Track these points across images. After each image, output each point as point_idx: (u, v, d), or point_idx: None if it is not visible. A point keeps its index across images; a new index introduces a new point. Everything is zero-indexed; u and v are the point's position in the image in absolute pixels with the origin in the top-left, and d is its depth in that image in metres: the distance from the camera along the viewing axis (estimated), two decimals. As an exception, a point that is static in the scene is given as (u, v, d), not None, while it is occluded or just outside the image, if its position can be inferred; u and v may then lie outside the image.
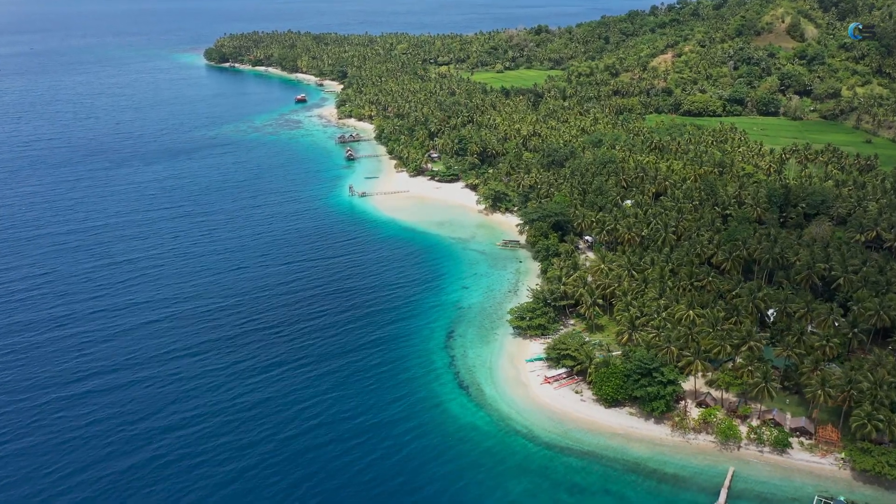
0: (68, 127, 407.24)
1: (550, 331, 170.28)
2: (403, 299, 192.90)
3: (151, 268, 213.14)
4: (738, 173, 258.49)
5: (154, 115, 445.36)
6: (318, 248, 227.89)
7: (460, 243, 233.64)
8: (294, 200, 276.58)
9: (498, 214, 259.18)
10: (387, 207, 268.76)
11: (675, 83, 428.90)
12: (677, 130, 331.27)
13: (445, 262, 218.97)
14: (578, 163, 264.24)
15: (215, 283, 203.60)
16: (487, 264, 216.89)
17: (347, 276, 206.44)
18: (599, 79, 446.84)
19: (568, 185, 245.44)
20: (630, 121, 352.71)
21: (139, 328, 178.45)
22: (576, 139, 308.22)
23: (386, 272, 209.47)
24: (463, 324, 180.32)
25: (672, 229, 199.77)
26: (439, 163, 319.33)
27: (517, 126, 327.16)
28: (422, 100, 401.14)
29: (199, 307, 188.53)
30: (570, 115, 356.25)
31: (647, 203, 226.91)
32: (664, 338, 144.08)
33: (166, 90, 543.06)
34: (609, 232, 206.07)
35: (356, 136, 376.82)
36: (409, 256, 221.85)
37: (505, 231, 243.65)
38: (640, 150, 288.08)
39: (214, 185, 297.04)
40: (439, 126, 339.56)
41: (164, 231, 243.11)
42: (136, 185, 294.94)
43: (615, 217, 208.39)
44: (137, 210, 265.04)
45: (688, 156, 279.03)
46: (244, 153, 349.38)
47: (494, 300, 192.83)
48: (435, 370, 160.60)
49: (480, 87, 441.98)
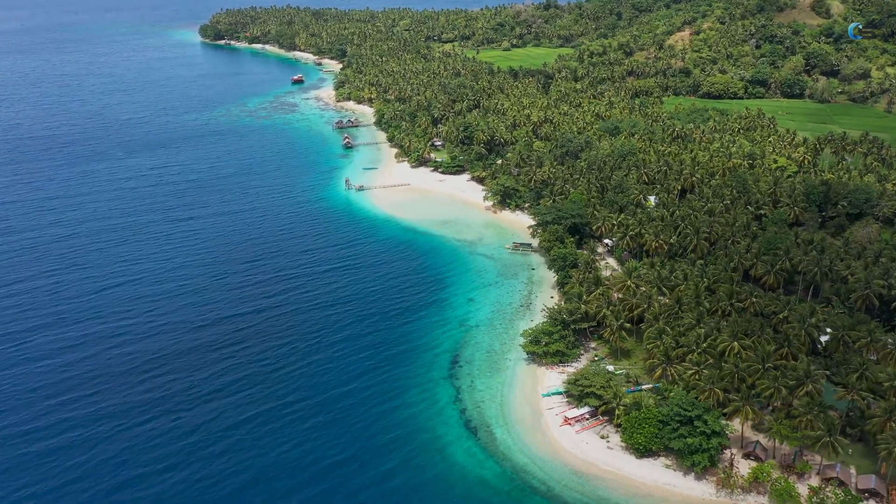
0: (51, 111, 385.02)
1: (570, 357, 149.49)
2: (403, 316, 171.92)
3: (125, 281, 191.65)
4: (770, 166, 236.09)
5: (143, 97, 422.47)
6: (311, 254, 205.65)
7: (466, 246, 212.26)
8: (287, 196, 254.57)
9: (507, 212, 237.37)
10: (386, 203, 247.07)
11: (693, 63, 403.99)
12: (699, 116, 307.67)
13: (449, 269, 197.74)
14: (595, 155, 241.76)
15: (193, 300, 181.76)
16: (496, 272, 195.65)
17: (341, 290, 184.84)
18: (613, 58, 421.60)
19: (584, 180, 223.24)
20: (647, 105, 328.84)
21: (101, 353, 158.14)
22: (590, 126, 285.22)
23: (384, 283, 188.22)
24: (470, 346, 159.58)
25: (704, 235, 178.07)
26: (443, 151, 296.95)
27: (527, 112, 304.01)
28: (424, 81, 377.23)
29: (166, 330, 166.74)
30: (583, 98, 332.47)
31: (673, 202, 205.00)
32: (706, 378, 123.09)
33: (158, 70, 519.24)
34: (633, 238, 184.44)
35: (355, 122, 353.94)
36: (409, 263, 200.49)
37: (515, 232, 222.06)
38: (660, 140, 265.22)
39: (202, 179, 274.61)
40: (443, 111, 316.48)
41: (143, 236, 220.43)
42: (116, 181, 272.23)
43: (639, 220, 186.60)
44: (116, 209, 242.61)
45: (713, 146, 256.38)
46: (235, 141, 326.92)
47: (505, 316, 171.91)
48: (438, 406, 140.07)
49: (487, 67, 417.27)
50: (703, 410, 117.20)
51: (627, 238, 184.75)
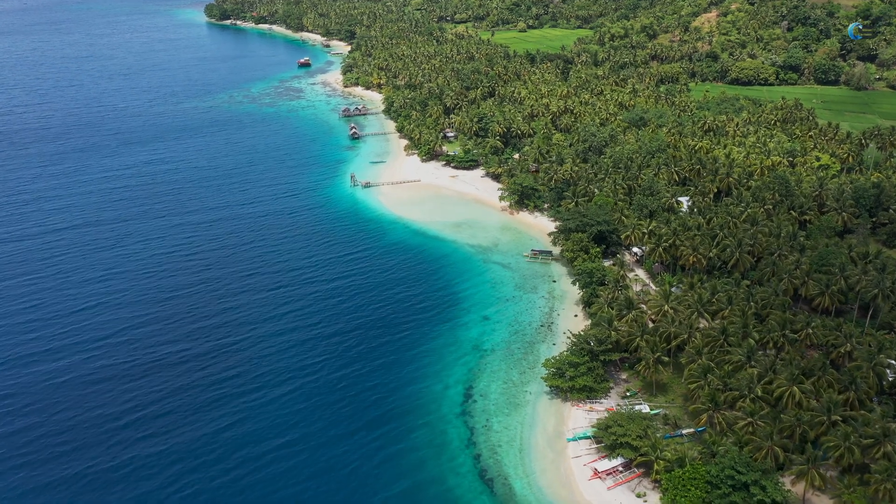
0: (47, 97, 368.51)
1: (599, 393, 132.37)
2: (412, 338, 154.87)
3: (111, 291, 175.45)
4: (812, 165, 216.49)
5: (143, 82, 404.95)
6: (312, 264, 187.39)
7: (481, 253, 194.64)
8: (289, 195, 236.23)
9: (525, 213, 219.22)
10: (394, 202, 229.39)
11: (720, 47, 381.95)
12: (730, 106, 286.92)
13: (463, 280, 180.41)
14: (621, 151, 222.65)
15: (181, 317, 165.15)
16: (514, 284, 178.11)
17: (342, 305, 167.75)
18: (635, 41, 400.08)
19: (610, 181, 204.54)
20: (674, 93, 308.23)
21: (79, 381, 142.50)
22: (613, 117, 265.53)
23: (389, 296, 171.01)
24: (485, 375, 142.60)
25: (748, 248, 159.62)
26: (456, 143, 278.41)
27: (545, 101, 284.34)
28: (436, 66, 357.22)
29: (147, 353, 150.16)
30: (605, 86, 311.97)
31: (709, 206, 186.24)
32: (763, 432, 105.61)
33: (160, 52, 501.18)
34: (666, 250, 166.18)
35: (362, 109, 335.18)
36: (418, 273, 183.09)
37: (533, 237, 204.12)
38: (690, 133, 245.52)
39: (200, 174, 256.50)
40: (456, 100, 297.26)
41: (132, 240, 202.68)
42: (108, 178, 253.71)
43: (673, 230, 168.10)
44: (106, 208, 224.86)
45: (748, 140, 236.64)
46: (236, 132, 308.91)
47: (524, 339, 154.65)
48: (450, 450, 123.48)
49: (502, 50, 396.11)
50: (760, 474, 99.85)
51: (660, 250, 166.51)
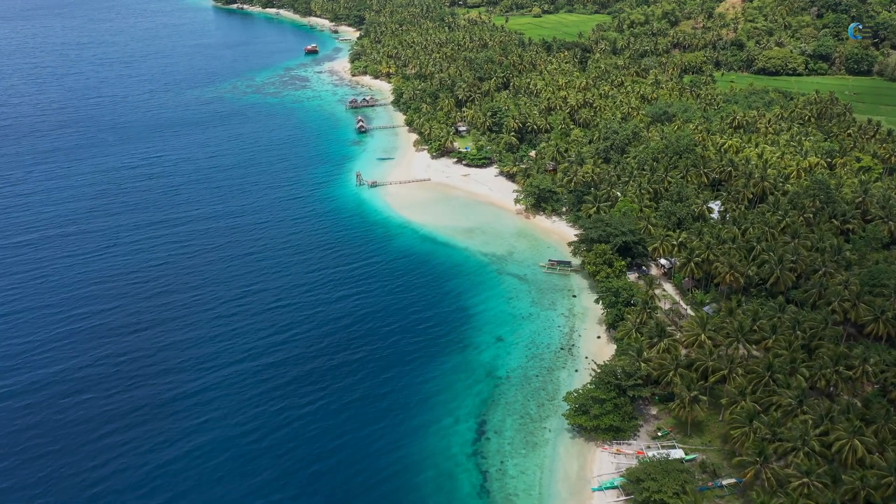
0: (44, 87, 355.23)
1: (627, 433, 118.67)
2: (419, 361, 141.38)
3: (88, 316, 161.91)
4: (852, 166, 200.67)
5: (145, 70, 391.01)
6: (315, 278, 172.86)
7: (494, 262, 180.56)
8: (291, 196, 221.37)
9: (541, 217, 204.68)
10: (402, 204, 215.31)
11: (746, 34, 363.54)
12: (760, 99, 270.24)
13: (475, 294, 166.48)
14: (644, 150, 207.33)
15: (165, 350, 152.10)
16: (530, 299, 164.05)
17: (347, 327, 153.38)
18: (656, 28, 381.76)
19: (635, 184, 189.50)
20: (699, 85, 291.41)
21: (45, 420, 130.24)
22: (636, 112, 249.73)
23: (397, 315, 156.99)
24: (499, 408, 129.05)
25: (789, 264, 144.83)
26: (468, 138, 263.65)
27: (563, 93, 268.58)
28: (448, 55, 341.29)
29: (117, 400, 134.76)
30: (625, 76, 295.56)
31: (743, 215, 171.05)
32: (823, 499, 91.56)
33: (164, 38, 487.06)
34: (699, 265, 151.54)
35: (370, 101, 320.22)
36: (427, 286, 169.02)
37: (551, 244, 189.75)
38: (719, 130, 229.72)
39: (199, 173, 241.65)
40: (468, 92, 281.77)
41: (120, 249, 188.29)
42: (103, 174, 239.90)
43: (707, 243, 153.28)
44: (96, 214, 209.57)
45: (781, 138, 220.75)
46: (238, 125, 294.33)
47: (542, 364, 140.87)
48: (459, 497, 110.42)
49: (517, 37, 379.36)
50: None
51: (692, 265, 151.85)
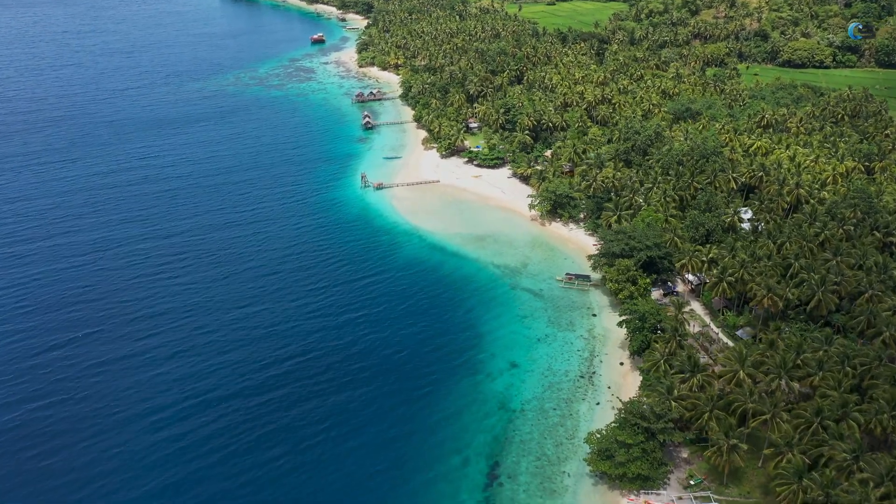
0: (41, 79, 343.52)
1: (656, 481, 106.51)
2: (425, 389, 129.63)
3: (63, 340, 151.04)
4: (893, 172, 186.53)
5: (146, 61, 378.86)
6: (317, 292, 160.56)
7: (507, 276, 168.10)
8: (293, 200, 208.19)
9: (558, 224, 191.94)
10: (409, 209, 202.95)
11: (770, 24, 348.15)
12: (788, 95, 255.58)
13: (487, 312, 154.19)
14: (668, 152, 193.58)
15: (155, 380, 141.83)
16: (546, 318, 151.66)
17: (350, 350, 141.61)
18: (676, 17, 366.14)
19: (659, 191, 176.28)
20: (723, 79, 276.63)
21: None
22: (657, 109, 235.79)
23: (404, 337, 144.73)
24: (513, 448, 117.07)
25: (832, 286, 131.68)
26: (479, 135, 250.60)
27: (580, 88, 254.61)
28: (459, 46, 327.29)
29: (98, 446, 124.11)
30: (645, 70, 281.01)
31: (778, 227, 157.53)
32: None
33: (167, 26, 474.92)
34: (732, 285, 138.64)
35: (377, 94, 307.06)
36: (435, 303, 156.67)
37: (568, 255, 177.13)
38: (746, 130, 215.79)
39: (197, 175, 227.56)
40: (480, 87, 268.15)
41: (108, 261, 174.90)
42: (97, 176, 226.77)
43: (741, 262, 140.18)
44: (86, 218, 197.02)
45: (813, 139, 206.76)
46: (240, 121, 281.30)
47: (560, 395, 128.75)
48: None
49: (531, 27, 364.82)
50: None
51: (724, 284, 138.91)
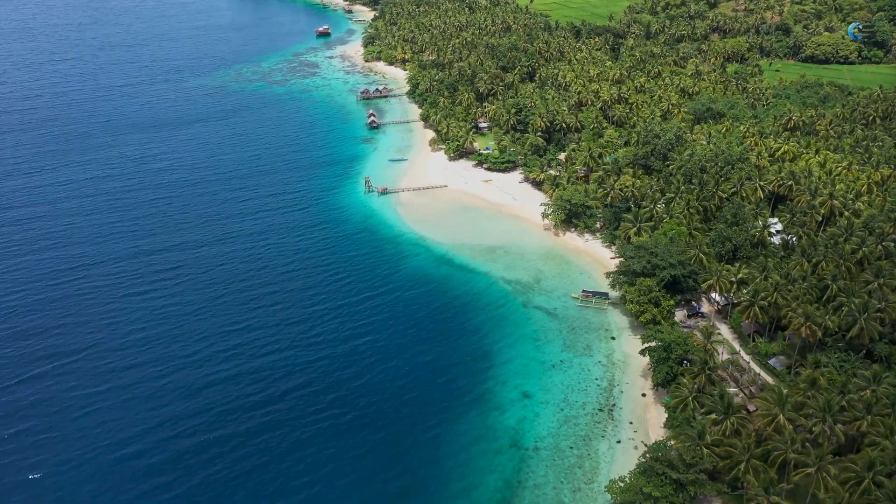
0: (38, 74, 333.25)
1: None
2: (431, 424, 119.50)
3: (41, 372, 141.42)
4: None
5: (147, 55, 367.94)
6: (318, 314, 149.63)
7: (519, 293, 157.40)
8: (294, 207, 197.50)
9: (572, 234, 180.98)
10: (415, 216, 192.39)
11: (793, 18, 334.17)
12: (814, 94, 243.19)
13: (497, 333, 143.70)
14: (690, 158, 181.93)
15: (142, 406, 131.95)
16: (561, 341, 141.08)
17: (353, 382, 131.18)
18: (694, 10, 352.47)
19: (682, 201, 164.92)
20: (745, 76, 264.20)
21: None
22: (677, 109, 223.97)
23: (406, 361, 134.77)
24: (526, 492, 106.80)
25: (875, 312, 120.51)
26: (489, 136, 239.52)
27: (595, 86, 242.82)
28: (468, 41, 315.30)
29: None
30: (662, 66, 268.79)
31: (811, 243, 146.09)
32: None
33: (171, 18, 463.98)
34: (764, 309, 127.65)
35: (383, 91, 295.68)
36: (442, 324, 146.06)
37: (584, 269, 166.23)
38: (772, 132, 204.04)
39: (193, 179, 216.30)
40: (490, 85, 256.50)
41: (95, 277, 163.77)
42: (90, 182, 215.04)
43: (775, 284, 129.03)
44: (77, 223, 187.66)
45: (844, 143, 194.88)
46: (240, 120, 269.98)
47: (577, 431, 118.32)
48: None
49: (543, 21, 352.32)
50: None
51: (756, 308, 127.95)
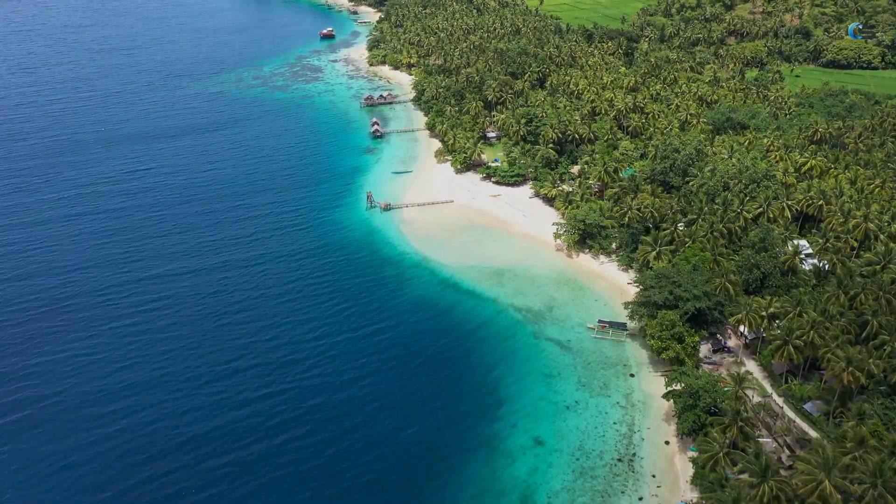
0: (35, 77, 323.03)
1: None
2: (433, 485, 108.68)
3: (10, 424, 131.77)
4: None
5: (146, 59, 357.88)
6: (314, 351, 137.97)
7: (530, 322, 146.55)
8: (292, 225, 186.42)
9: (586, 256, 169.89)
10: (419, 235, 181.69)
11: (813, 21, 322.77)
12: (838, 103, 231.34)
13: (506, 369, 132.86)
14: (712, 175, 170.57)
15: (108, 474, 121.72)
16: (576, 378, 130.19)
17: (347, 420, 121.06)
18: (710, 13, 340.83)
19: (706, 224, 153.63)
20: (765, 83, 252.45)
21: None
22: (695, 119, 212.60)
23: (408, 403, 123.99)
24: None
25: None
26: (498, 146, 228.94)
27: (608, 94, 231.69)
28: (476, 44, 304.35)
29: None
30: (679, 72, 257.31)
31: (848, 270, 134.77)
32: None
33: (172, 19, 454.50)
34: (799, 349, 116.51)
35: (387, 97, 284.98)
36: (447, 358, 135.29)
37: (599, 295, 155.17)
38: (797, 146, 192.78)
39: (187, 195, 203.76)
40: (499, 93, 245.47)
41: (77, 306, 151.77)
42: (77, 195, 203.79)
43: (811, 321, 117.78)
44: (60, 245, 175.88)
45: (875, 157, 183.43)
46: (240, 128, 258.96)
47: (593, 485, 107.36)
48: None
49: (553, 23, 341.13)
50: None
51: (790, 348, 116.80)
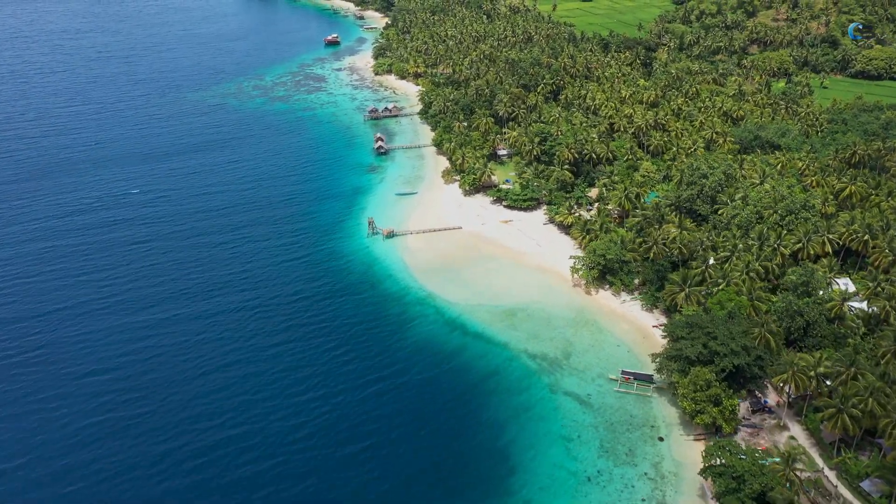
0: (28, 87, 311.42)
1: None
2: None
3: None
4: None
5: (144, 68, 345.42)
6: (309, 414, 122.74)
7: (545, 371, 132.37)
8: (289, 257, 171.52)
9: (606, 293, 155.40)
10: (424, 266, 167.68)
11: (839, 28, 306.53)
12: (874, 119, 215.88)
13: (518, 430, 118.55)
14: (744, 205, 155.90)
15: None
16: (598, 443, 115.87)
17: (333, 486, 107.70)
18: (731, 20, 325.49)
19: (741, 263, 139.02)
20: (794, 97, 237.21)
21: None
22: (722, 138, 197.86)
23: (412, 476, 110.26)
24: None
25: None
26: (509, 165, 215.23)
27: (627, 110, 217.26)
28: (486, 54, 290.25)
29: None
30: (701, 85, 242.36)
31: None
32: None
33: (174, 25, 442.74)
34: (856, 419, 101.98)
35: (393, 110, 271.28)
36: (451, 413, 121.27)
37: (621, 340, 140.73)
38: (833, 169, 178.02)
39: (179, 220, 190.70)
40: (511, 107, 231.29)
41: (51, 354, 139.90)
42: (60, 225, 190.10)
43: (869, 387, 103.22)
44: (35, 284, 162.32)
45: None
46: (237, 145, 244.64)
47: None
48: None
49: (567, 31, 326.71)
50: None
51: (845, 417, 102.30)
